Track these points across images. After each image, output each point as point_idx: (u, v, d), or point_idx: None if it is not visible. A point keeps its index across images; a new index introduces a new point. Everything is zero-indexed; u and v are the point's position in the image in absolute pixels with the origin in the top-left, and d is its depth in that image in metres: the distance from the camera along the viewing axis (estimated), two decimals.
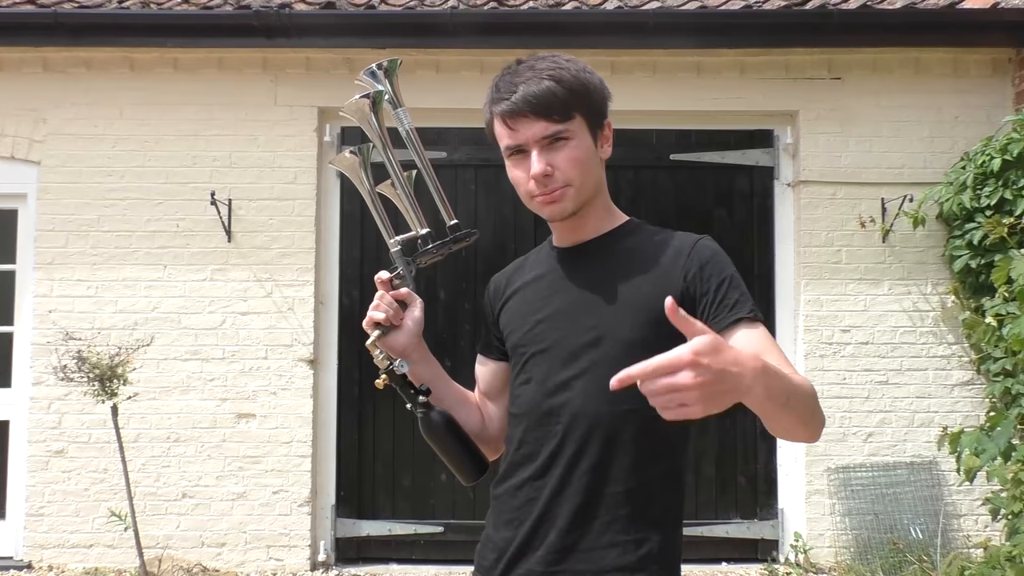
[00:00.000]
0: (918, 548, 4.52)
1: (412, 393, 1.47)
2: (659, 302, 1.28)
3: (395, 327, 1.49)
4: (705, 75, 5.01)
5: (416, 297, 1.50)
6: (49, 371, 4.53)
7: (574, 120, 1.39)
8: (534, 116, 1.37)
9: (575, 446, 1.38)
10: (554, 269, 1.50)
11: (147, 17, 4.80)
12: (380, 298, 1.49)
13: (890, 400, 4.88)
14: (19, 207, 5.07)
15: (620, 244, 1.46)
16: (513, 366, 1.51)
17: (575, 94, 1.39)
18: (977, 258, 4.60)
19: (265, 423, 4.86)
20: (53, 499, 4.83)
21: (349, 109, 1.49)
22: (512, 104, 1.38)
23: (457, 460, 1.49)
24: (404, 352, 1.49)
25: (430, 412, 1.46)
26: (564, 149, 1.39)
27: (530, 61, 1.42)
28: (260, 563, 4.82)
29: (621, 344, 1.36)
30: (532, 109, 1.37)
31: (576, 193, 1.41)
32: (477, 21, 4.80)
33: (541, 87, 1.37)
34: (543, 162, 1.38)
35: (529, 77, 1.38)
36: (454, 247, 1.50)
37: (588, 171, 1.41)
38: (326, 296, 5.03)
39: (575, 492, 1.37)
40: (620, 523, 1.35)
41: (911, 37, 4.92)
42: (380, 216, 1.51)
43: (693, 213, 4.97)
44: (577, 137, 1.39)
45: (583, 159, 1.40)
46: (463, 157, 5.03)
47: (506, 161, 1.44)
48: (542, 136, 1.38)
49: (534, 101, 1.37)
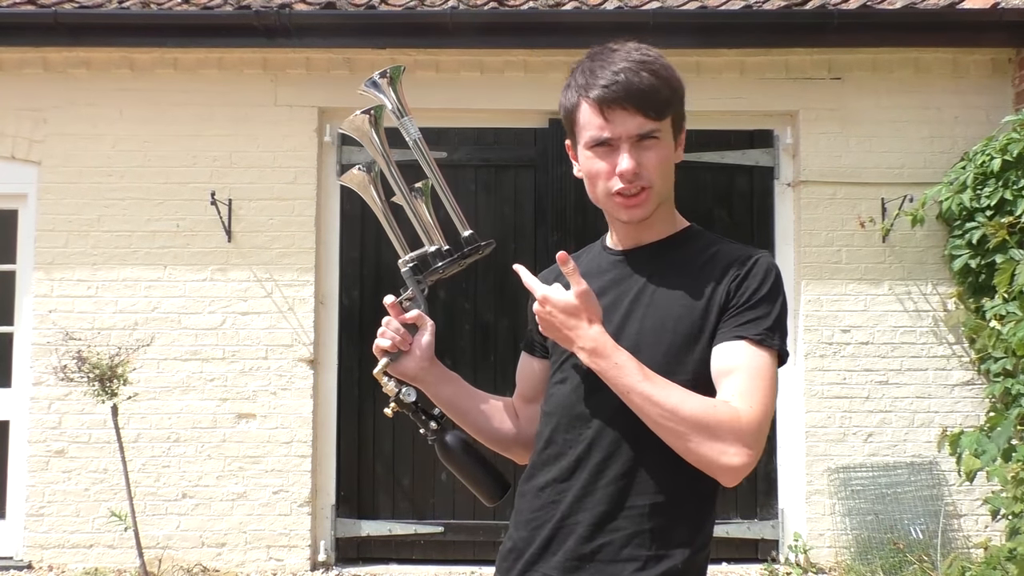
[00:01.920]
0: (918, 548, 4.52)
1: (423, 420, 1.45)
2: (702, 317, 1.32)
3: (404, 352, 1.46)
4: (705, 75, 5.01)
5: (427, 319, 1.47)
6: (49, 371, 4.53)
7: (666, 120, 1.35)
8: (634, 109, 1.31)
9: (603, 453, 1.35)
10: (604, 272, 1.45)
11: (147, 17, 4.80)
12: (387, 324, 1.45)
13: (890, 400, 4.88)
14: (19, 207, 5.07)
15: (674, 253, 1.42)
16: (552, 364, 1.48)
17: (674, 93, 1.35)
18: (977, 258, 4.60)
19: (265, 423, 4.86)
20: (53, 499, 4.83)
21: (349, 127, 1.45)
22: (613, 93, 1.30)
23: (476, 481, 1.47)
24: (415, 377, 1.46)
25: (444, 436, 1.44)
26: (653, 149, 1.34)
27: (621, 50, 1.34)
28: (260, 563, 4.82)
29: (659, 355, 1.33)
30: (634, 102, 1.30)
31: (655, 196, 1.37)
32: (477, 21, 4.81)
33: (644, 81, 1.30)
34: (634, 160, 1.32)
35: (627, 67, 1.31)
36: (465, 262, 1.46)
37: (668, 174, 1.38)
38: (326, 296, 5.03)
39: (599, 500, 1.34)
40: (642, 537, 1.32)
41: (911, 37, 4.91)
42: (394, 232, 1.48)
43: (693, 213, 4.86)
44: (664, 138, 1.35)
45: (667, 161, 1.37)
46: (463, 157, 5.03)
47: (583, 152, 1.38)
48: (636, 132, 1.32)
49: (637, 94, 1.30)
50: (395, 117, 1.46)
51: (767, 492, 5.00)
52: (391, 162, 1.47)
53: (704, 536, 1.37)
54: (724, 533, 4.91)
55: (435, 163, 1.48)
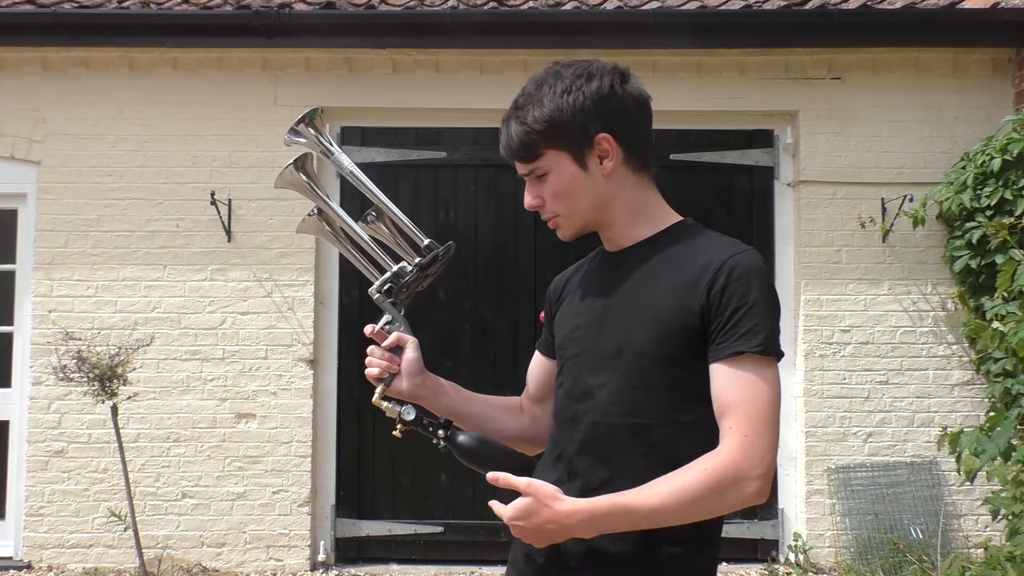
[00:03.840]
0: (918, 548, 4.52)
1: (432, 430, 1.47)
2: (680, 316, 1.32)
3: (395, 374, 1.50)
4: (705, 75, 5.01)
5: (408, 338, 1.50)
6: (49, 371, 4.53)
7: (543, 157, 1.41)
8: (510, 159, 1.45)
9: (592, 456, 1.38)
10: (595, 274, 1.50)
11: (147, 17, 4.80)
12: (371, 352, 1.50)
13: (890, 400, 4.88)
14: (19, 207, 5.07)
15: (659, 251, 1.43)
16: (557, 367, 1.52)
17: (538, 134, 1.39)
18: (977, 258, 4.60)
19: (265, 423, 4.86)
20: (53, 499, 4.83)
21: (283, 182, 1.51)
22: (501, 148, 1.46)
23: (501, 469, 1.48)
24: (411, 395, 1.50)
25: (456, 439, 1.46)
26: (546, 182, 1.43)
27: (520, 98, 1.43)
28: (260, 563, 4.82)
29: (640, 356, 1.35)
30: (507, 155, 1.45)
31: (567, 221, 1.45)
32: (477, 21, 4.80)
33: (507, 134, 1.43)
34: (531, 195, 1.45)
35: (507, 119, 1.43)
36: (430, 270, 1.50)
37: (575, 197, 1.42)
38: (326, 296, 5.03)
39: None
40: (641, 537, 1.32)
41: (911, 37, 4.91)
42: (362, 265, 1.52)
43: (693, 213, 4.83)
44: (555, 169, 1.41)
45: (563, 189, 1.42)
46: (463, 157, 5.03)
47: None
48: (523, 174, 1.45)
49: (506, 149, 1.44)
50: (326, 157, 1.53)
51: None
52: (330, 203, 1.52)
53: (705, 538, 1.37)
54: (724, 533, 4.84)
55: (375, 186, 1.54)
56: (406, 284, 1.48)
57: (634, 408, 1.35)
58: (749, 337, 1.30)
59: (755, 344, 1.30)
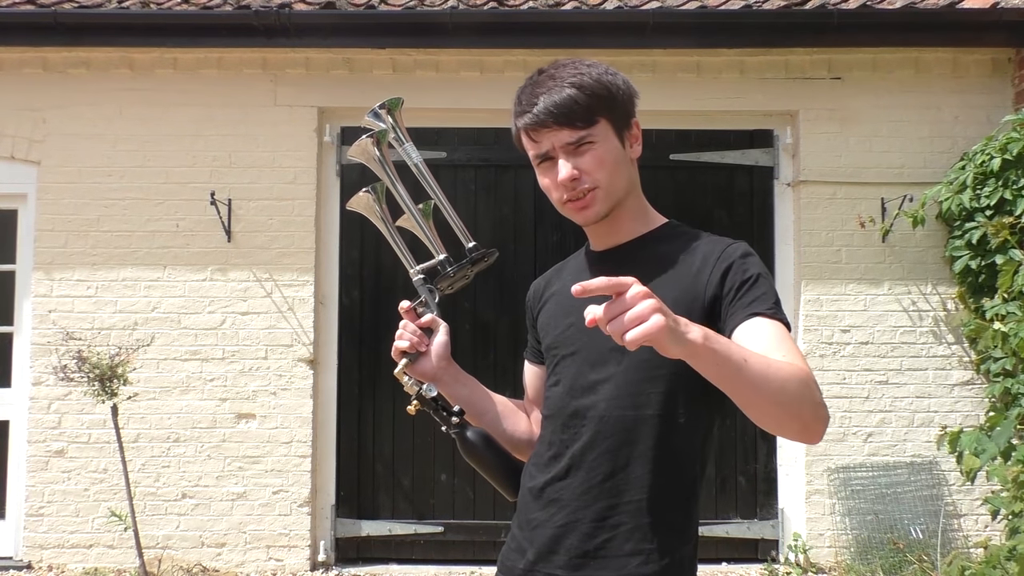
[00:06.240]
0: (918, 548, 4.52)
1: (445, 415, 1.49)
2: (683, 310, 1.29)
3: (422, 353, 1.52)
4: (705, 75, 5.01)
5: (440, 322, 1.53)
6: (49, 371, 4.53)
7: (598, 124, 1.39)
8: (557, 126, 1.37)
9: (598, 450, 1.38)
10: (585, 273, 1.49)
11: (147, 17, 4.80)
12: (403, 327, 1.52)
13: (890, 400, 4.88)
14: (19, 207, 5.07)
15: (653, 248, 1.45)
16: (547, 368, 1.52)
17: (597, 98, 1.39)
18: (977, 258, 4.60)
19: (265, 423, 4.86)
20: (53, 499, 4.83)
21: (355, 151, 1.52)
22: (534, 116, 1.38)
23: (498, 476, 1.50)
24: (433, 376, 1.52)
25: (465, 432, 1.47)
26: (589, 152, 1.39)
27: (551, 69, 1.42)
28: (260, 563, 4.82)
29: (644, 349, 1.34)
30: (554, 119, 1.37)
31: (605, 195, 1.41)
32: (477, 21, 4.80)
33: (562, 95, 1.37)
34: (570, 166, 1.39)
35: (551, 87, 1.38)
36: (472, 269, 1.52)
37: (616, 172, 1.41)
38: (326, 296, 5.03)
39: (598, 496, 1.37)
40: (643, 530, 1.34)
41: (911, 37, 4.91)
42: (400, 249, 1.54)
43: (693, 213, 4.96)
44: (602, 140, 1.40)
45: (609, 160, 1.40)
46: (463, 157, 5.03)
47: (536, 170, 1.46)
48: (567, 142, 1.38)
49: (555, 111, 1.37)
50: (396, 145, 1.53)
51: (767, 492, 5.00)
52: (396, 180, 1.53)
53: (695, 525, 1.40)
54: (724, 533, 4.91)
55: (437, 184, 1.55)
56: (448, 275, 1.51)
57: (644, 400, 1.36)
58: (760, 303, 1.32)
59: (767, 307, 1.31)
